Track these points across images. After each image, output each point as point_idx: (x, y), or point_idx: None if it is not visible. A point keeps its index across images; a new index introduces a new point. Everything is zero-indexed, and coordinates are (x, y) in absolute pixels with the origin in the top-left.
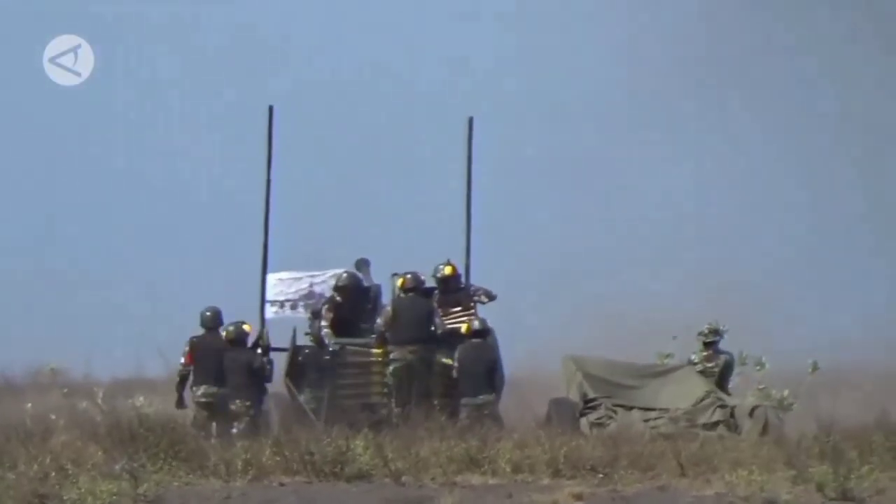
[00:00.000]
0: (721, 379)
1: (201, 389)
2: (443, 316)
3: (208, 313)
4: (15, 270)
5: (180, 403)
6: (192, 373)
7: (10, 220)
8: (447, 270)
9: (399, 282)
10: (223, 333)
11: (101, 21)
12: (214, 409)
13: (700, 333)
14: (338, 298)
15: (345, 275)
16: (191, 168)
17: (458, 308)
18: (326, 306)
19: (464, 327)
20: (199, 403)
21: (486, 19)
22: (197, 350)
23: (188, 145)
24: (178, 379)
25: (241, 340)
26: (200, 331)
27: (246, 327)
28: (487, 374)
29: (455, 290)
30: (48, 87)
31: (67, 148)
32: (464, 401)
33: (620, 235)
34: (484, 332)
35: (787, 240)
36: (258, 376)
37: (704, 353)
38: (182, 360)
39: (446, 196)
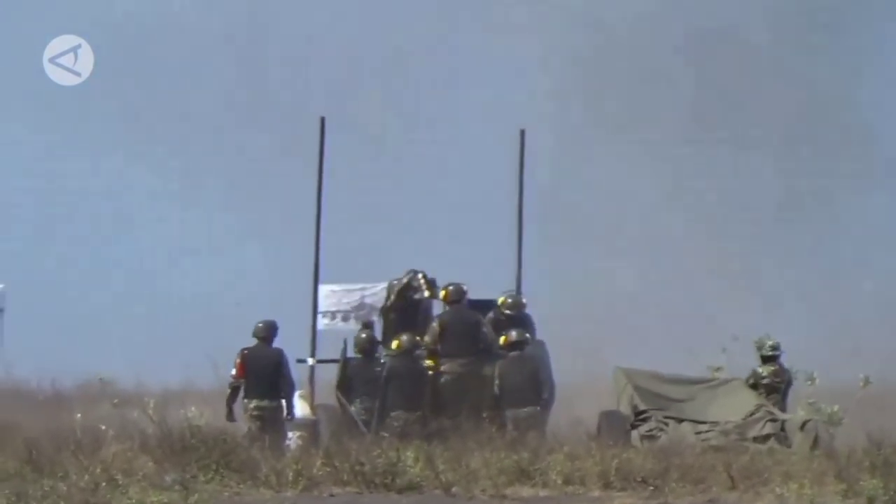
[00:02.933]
0: (783, 393)
1: (254, 402)
2: None
3: (261, 324)
4: (63, 279)
5: (230, 416)
6: (244, 385)
7: (20, 222)
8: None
9: (442, 294)
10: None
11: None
12: (266, 422)
13: (763, 348)
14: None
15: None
16: (249, 174)
17: None
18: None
19: (501, 339)
20: (251, 416)
21: (534, 27)
22: (248, 362)
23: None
24: (228, 391)
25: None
26: (252, 343)
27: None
28: (529, 385)
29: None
30: (48, 87)
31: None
32: (508, 413)
33: (668, 245)
34: (521, 344)
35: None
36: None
37: (772, 368)
38: (233, 373)
39: (499, 207)
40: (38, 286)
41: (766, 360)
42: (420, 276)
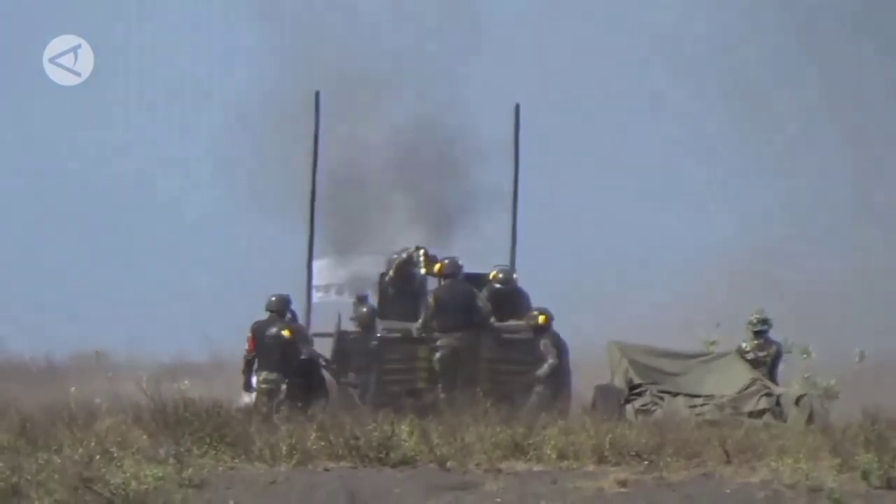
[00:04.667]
0: (771, 367)
1: (263, 374)
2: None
3: (273, 298)
4: (57, 254)
5: (248, 387)
6: (255, 358)
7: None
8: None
9: (437, 268)
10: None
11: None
12: (275, 396)
13: (750, 322)
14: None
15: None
16: (237, 152)
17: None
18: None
19: (541, 318)
20: (261, 388)
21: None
22: (259, 335)
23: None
24: (243, 364)
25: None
26: (264, 316)
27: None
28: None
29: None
30: (48, 87)
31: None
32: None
33: (666, 222)
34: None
35: (829, 230)
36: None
37: (756, 342)
38: (247, 347)
39: (493, 183)
40: (31, 262)
41: (755, 334)
42: (421, 252)
